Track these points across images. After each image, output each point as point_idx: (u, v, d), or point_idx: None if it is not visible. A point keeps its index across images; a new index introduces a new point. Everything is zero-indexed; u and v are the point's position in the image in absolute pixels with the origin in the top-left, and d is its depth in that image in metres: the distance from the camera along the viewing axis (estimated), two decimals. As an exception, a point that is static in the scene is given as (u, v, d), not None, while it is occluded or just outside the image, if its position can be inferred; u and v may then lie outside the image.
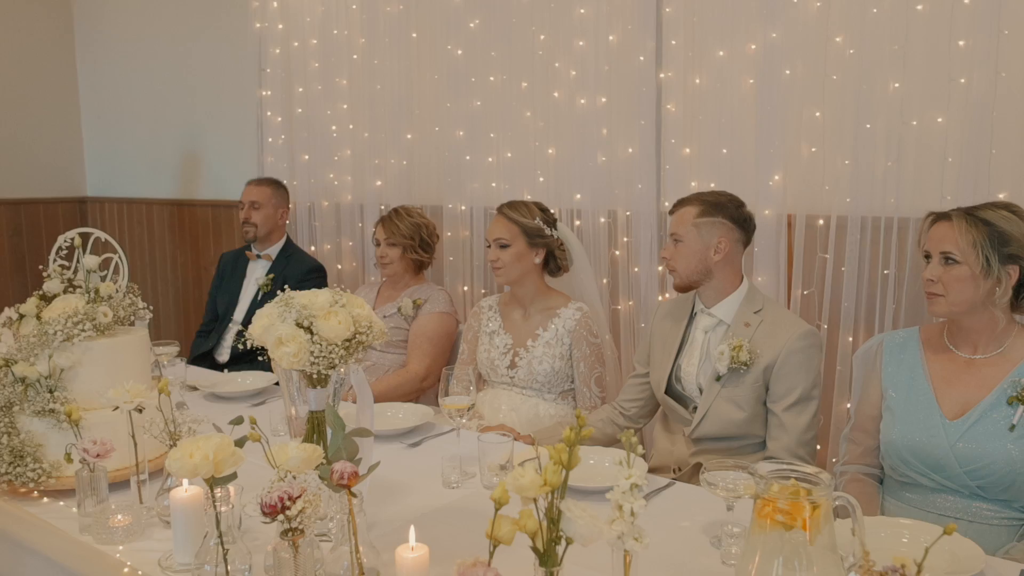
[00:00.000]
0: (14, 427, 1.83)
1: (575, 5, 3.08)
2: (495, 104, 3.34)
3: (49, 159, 5.48)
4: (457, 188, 3.50)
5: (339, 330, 1.52)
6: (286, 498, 1.28)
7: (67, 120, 5.55)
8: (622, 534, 1.05)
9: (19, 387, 1.85)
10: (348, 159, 3.91)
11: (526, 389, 2.66)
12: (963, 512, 1.78)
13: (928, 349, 1.92)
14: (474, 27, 3.36)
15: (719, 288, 2.26)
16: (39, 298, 2.00)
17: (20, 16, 5.26)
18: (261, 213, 3.56)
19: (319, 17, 3.91)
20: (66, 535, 1.64)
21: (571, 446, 1.08)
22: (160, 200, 5.12)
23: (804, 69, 2.63)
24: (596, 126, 3.07)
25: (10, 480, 1.79)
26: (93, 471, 1.66)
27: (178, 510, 1.50)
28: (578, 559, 1.34)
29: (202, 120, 4.81)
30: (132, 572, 1.48)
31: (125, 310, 1.99)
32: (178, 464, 1.34)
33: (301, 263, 3.58)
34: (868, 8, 2.48)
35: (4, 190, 5.26)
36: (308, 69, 3.99)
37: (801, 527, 1.20)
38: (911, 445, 1.82)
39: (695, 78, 2.85)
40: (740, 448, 2.21)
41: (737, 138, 2.77)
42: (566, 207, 3.20)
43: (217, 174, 4.74)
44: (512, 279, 2.64)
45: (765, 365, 2.15)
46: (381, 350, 3.12)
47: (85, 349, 1.89)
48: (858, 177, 2.55)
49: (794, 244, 2.71)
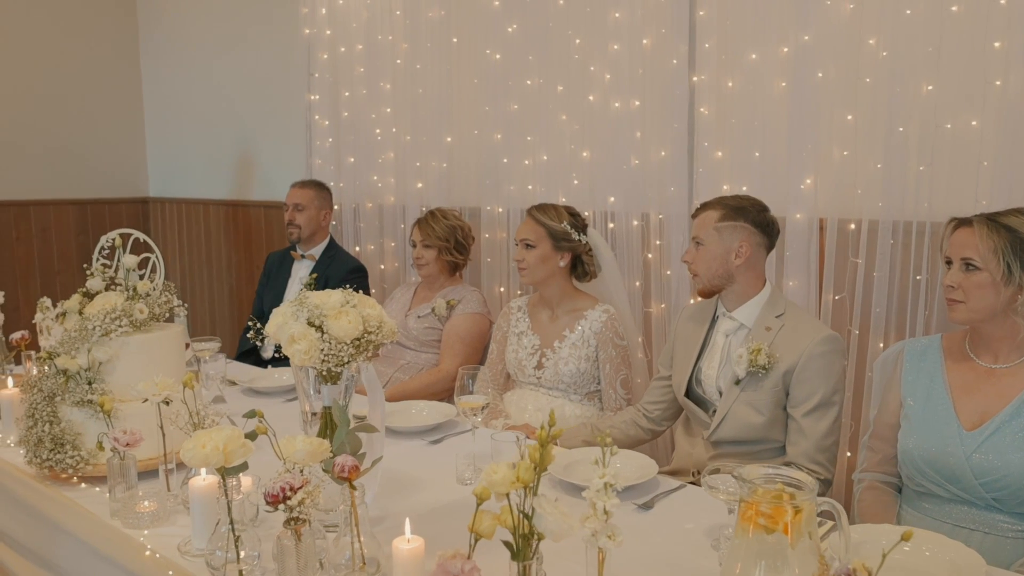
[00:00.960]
0: (56, 416, 1.94)
1: (610, 9, 3.10)
2: (532, 107, 3.38)
3: (114, 162, 5.72)
4: (494, 190, 3.55)
5: (348, 329, 1.58)
6: (288, 488, 1.35)
7: (131, 125, 5.78)
8: (595, 532, 1.08)
9: (61, 379, 1.96)
10: (391, 161, 4.00)
11: (552, 390, 2.70)
12: (979, 523, 1.75)
13: (949, 357, 1.89)
14: (512, 31, 3.41)
15: (741, 292, 2.26)
16: (82, 295, 2.12)
17: (89, 28, 5.51)
18: (305, 215, 3.67)
19: (364, 23, 4.01)
20: (97, 519, 1.74)
21: (543, 444, 1.11)
22: (216, 201, 5.30)
23: (836, 72, 2.60)
24: (630, 129, 3.09)
25: (51, 466, 1.90)
26: (123, 459, 1.75)
27: (196, 498, 1.58)
28: (568, 555, 1.38)
29: (255, 123, 4.97)
30: (152, 555, 1.56)
31: (161, 307, 2.09)
32: (190, 454, 1.42)
33: (343, 263, 3.68)
34: (902, 9, 2.44)
35: (72, 191, 5.51)
36: (354, 74, 4.09)
37: (783, 531, 1.21)
38: (927, 455, 1.80)
39: (728, 81, 2.84)
40: (759, 453, 2.21)
41: (769, 141, 2.75)
42: (600, 209, 3.22)
43: (269, 176, 4.88)
44: (536, 280, 2.68)
45: (785, 369, 2.14)
46: (416, 349, 3.19)
47: (122, 344, 1.99)
48: (890, 181, 2.51)
49: (825, 248, 2.68)
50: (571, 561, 1.40)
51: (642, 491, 1.87)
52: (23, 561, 1.87)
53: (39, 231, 5.36)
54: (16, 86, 5.21)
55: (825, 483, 2.12)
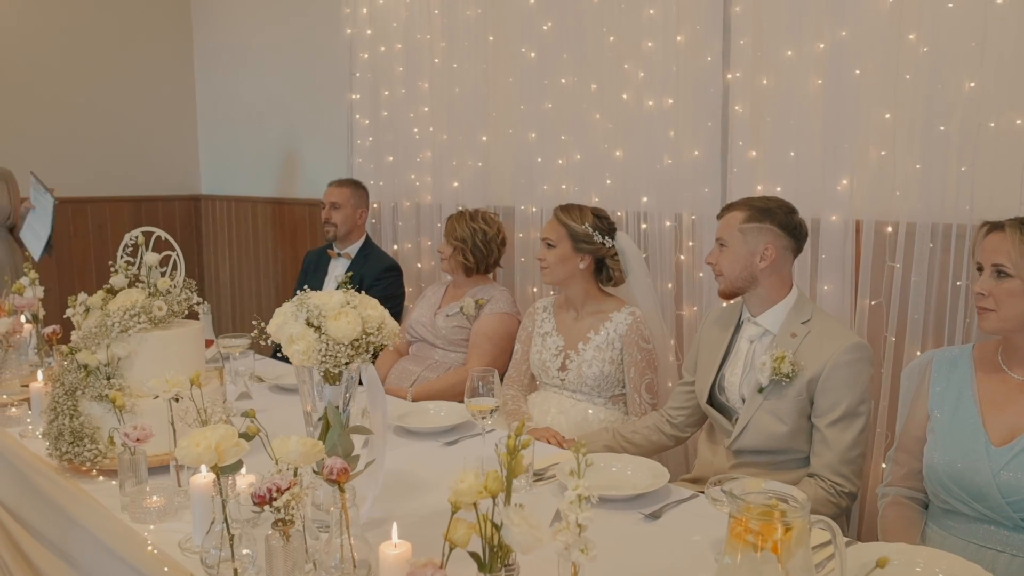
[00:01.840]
0: (76, 410, 1.98)
1: (644, 6, 3.04)
2: (566, 106, 3.34)
3: (168, 160, 5.87)
4: (528, 190, 3.52)
5: (347, 330, 1.57)
6: (275, 490, 1.34)
7: (185, 125, 5.92)
8: (568, 545, 1.05)
9: (81, 373, 2.00)
10: (428, 160, 4.00)
11: (576, 392, 2.66)
12: (1006, 545, 1.66)
13: (980, 369, 1.79)
14: (547, 29, 3.37)
15: (765, 297, 2.19)
16: (106, 291, 2.16)
17: (146, 35, 5.67)
18: (341, 213, 3.70)
19: (404, 22, 4.02)
20: (107, 512, 1.77)
21: (513, 454, 1.08)
22: (263, 198, 5.39)
23: (875, 68, 2.51)
24: (663, 128, 3.02)
25: (70, 458, 1.95)
26: (134, 454, 1.78)
27: (196, 495, 1.59)
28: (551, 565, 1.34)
29: (300, 122, 5.04)
30: (152, 550, 1.58)
31: (180, 304, 2.12)
32: (184, 452, 1.43)
33: (378, 262, 3.69)
34: (943, 3, 2.34)
35: (128, 188, 5.67)
36: (393, 73, 4.10)
37: (772, 550, 1.16)
38: (952, 471, 1.71)
39: (763, 79, 2.76)
40: (782, 463, 2.14)
41: (804, 141, 2.66)
42: (632, 210, 3.17)
43: (312, 174, 4.94)
44: (556, 280, 2.65)
45: (809, 378, 2.07)
46: (444, 348, 3.18)
47: (140, 340, 2.03)
48: (930, 182, 2.41)
49: (861, 252, 2.58)
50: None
51: (652, 500, 1.82)
52: (43, 551, 1.92)
53: (95, 227, 5.52)
54: (76, 88, 5.39)
55: (850, 496, 2.04)
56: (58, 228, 5.26)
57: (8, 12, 5.11)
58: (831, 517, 1.95)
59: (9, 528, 2.04)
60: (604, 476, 1.93)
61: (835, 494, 2.02)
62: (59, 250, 5.31)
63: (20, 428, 2.29)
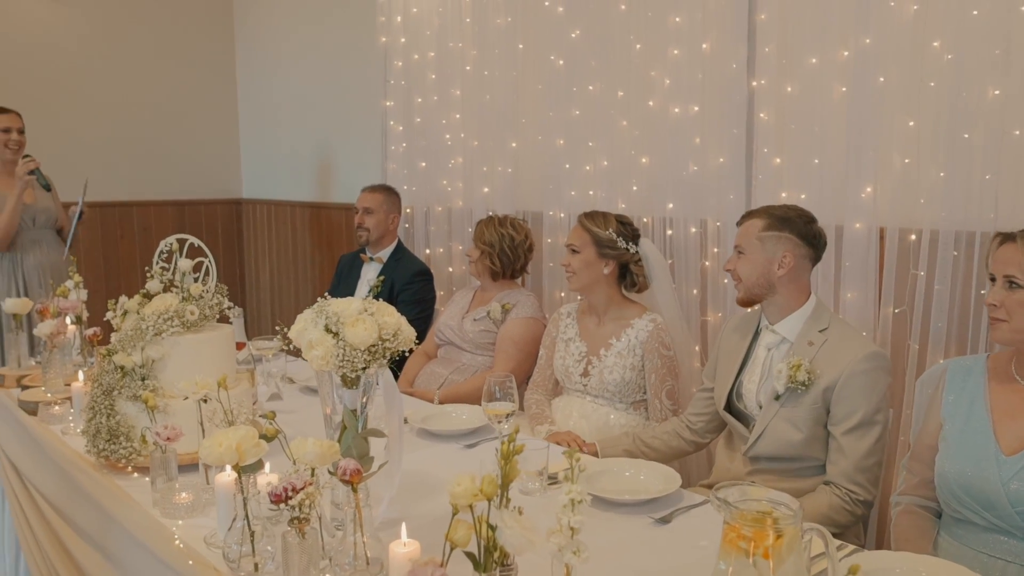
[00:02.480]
0: (112, 409, 2.08)
1: (670, 13, 3.07)
2: (593, 113, 3.38)
3: (211, 165, 6.03)
4: (556, 195, 3.56)
5: (363, 336, 1.63)
6: (290, 489, 1.41)
7: (227, 131, 6.08)
8: (561, 548, 1.09)
9: (118, 374, 2.09)
10: (460, 166, 4.07)
11: (598, 398, 2.70)
12: (1016, 556, 1.66)
13: (993, 379, 1.79)
14: (575, 37, 3.41)
15: (783, 305, 2.21)
16: (143, 296, 2.26)
17: (190, 44, 5.84)
18: (373, 218, 3.78)
19: (436, 30, 4.09)
20: (139, 507, 1.85)
21: (507, 459, 1.13)
22: (301, 202, 5.51)
23: (899, 76, 2.50)
24: (689, 135, 3.05)
25: (107, 455, 2.04)
26: (164, 452, 1.86)
27: (220, 492, 1.67)
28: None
29: (337, 128, 5.15)
30: (179, 544, 1.66)
31: (212, 309, 2.21)
32: (207, 452, 1.50)
33: (409, 266, 3.77)
34: (968, 10, 2.33)
35: (172, 192, 5.84)
36: (426, 80, 4.17)
37: (763, 555, 1.19)
38: (962, 480, 1.72)
39: (787, 86, 2.77)
40: (799, 471, 2.15)
41: (828, 148, 2.67)
42: (658, 216, 3.19)
43: (348, 179, 5.04)
44: (581, 286, 2.69)
45: (825, 386, 2.08)
46: (472, 352, 3.24)
47: (173, 343, 2.11)
48: (954, 190, 2.40)
49: (885, 259, 2.58)
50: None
51: (663, 504, 1.86)
52: (80, 542, 2.01)
53: (141, 230, 5.69)
54: (122, 96, 5.57)
55: (865, 504, 2.05)
56: (106, 231, 5.45)
57: (60, 25, 5.30)
58: (846, 525, 1.98)
59: (50, 520, 2.14)
60: (618, 480, 1.96)
61: (850, 502, 2.03)
62: (106, 252, 5.51)
63: (62, 425, 2.40)
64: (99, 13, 5.44)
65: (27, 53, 5.18)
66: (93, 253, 5.48)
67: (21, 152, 3.94)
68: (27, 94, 5.04)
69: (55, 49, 5.29)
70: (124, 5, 5.53)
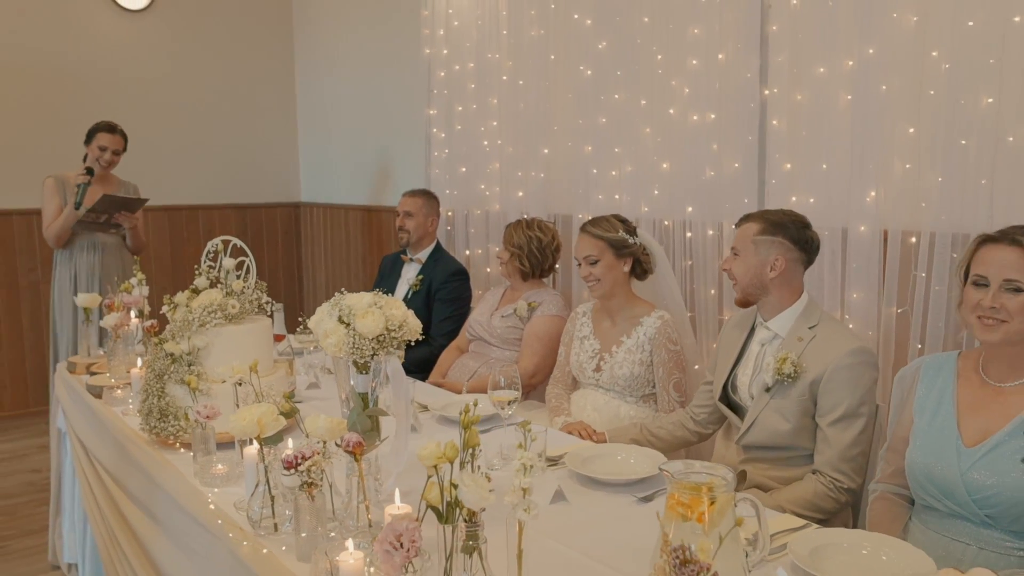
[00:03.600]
0: (163, 392, 2.33)
1: (690, 24, 3.21)
2: (619, 120, 3.54)
3: (272, 170, 6.37)
4: (585, 199, 3.73)
5: (372, 327, 1.83)
6: (300, 457, 1.62)
7: (287, 137, 6.42)
8: (514, 505, 1.27)
9: (168, 360, 2.35)
10: (496, 171, 4.27)
11: (610, 391, 2.86)
12: (974, 539, 1.77)
13: (961, 375, 1.90)
14: (602, 48, 3.58)
15: (776, 303, 2.33)
16: (191, 291, 2.52)
17: (252, 54, 6.19)
18: (413, 221, 4.00)
19: (475, 42, 4.30)
20: (183, 477, 2.10)
21: (466, 427, 1.32)
22: (354, 206, 5.79)
23: (900, 84, 2.60)
24: (706, 141, 3.18)
25: (158, 432, 2.30)
26: (204, 429, 2.10)
27: (248, 463, 1.89)
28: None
29: (386, 135, 5.41)
30: (211, 507, 1.90)
31: (251, 303, 2.45)
32: (233, 424, 1.73)
33: (447, 266, 3.98)
34: (964, 21, 2.42)
35: (234, 196, 6.19)
36: (466, 89, 4.39)
37: (697, 519, 1.35)
38: (927, 469, 1.83)
39: (797, 94, 2.88)
40: (789, 460, 2.28)
41: (835, 154, 2.78)
42: (678, 219, 3.34)
43: (397, 183, 5.29)
44: (607, 292, 2.85)
45: (812, 379, 2.20)
46: (499, 346, 3.43)
47: (216, 333, 2.36)
48: (951, 194, 2.49)
49: (888, 261, 2.67)
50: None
51: (647, 485, 2.01)
52: (132, 506, 2.27)
53: (205, 232, 6.05)
54: (188, 105, 5.94)
55: (849, 492, 2.16)
56: (173, 232, 5.83)
57: (130, 38, 5.70)
58: (831, 511, 2.12)
59: (109, 488, 2.42)
60: (609, 464, 2.13)
61: (834, 489, 2.15)
62: (173, 252, 5.88)
63: (122, 407, 2.68)
64: (167, 27, 5.82)
65: (99, 65, 5.59)
66: (161, 253, 5.86)
67: (111, 169, 4.28)
68: (99, 103, 5.44)
69: (126, 61, 5.68)
70: (190, 19, 5.90)
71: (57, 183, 4.22)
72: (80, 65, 5.51)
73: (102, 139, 4.22)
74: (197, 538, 1.89)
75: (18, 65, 5.29)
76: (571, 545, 1.72)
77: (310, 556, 1.57)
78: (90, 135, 4.23)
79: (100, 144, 4.21)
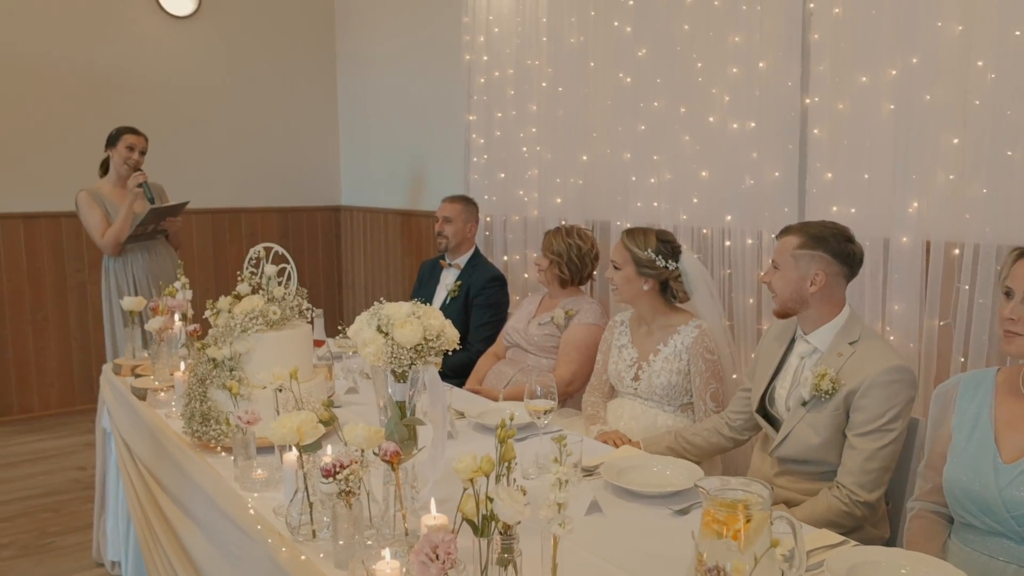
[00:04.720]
0: (205, 396, 2.38)
1: (730, 32, 3.19)
2: (658, 128, 3.53)
3: (313, 173, 6.46)
4: (623, 207, 3.73)
5: (410, 337, 1.86)
6: (339, 465, 1.65)
7: (328, 141, 6.50)
8: (549, 520, 1.28)
9: (210, 365, 2.40)
10: (535, 177, 4.28)
11: (647, 400, 2.85)
12: (1014, 558, 1.74)
13: (1000, 391, 1.87)
14: (642, 55, 3.57)
15: (816, 317, 2.31)
16: (234, 297, 2.57)
17: (294, 60, 6.28)
18: (452, 227, 4.03)
19: (515, 49, 4.32)
20: (223, 480, 2.14)
21: (502, 441, 1.33)
22: (393, 210, 5.85)
23: (944, 94, 2.56)
24: (746, 149, 3.16)
25: (199, 436, 2.35)
26: (244, 434, 2.15)
27: (287, 470, 1.93)
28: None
29: (425, 140, 5.46)
30: (251, 512, 1.93)
31: (291, 310, 2.50)
32: (274, 432, 1.76)
33: (484, 272, 4.00)
34: (1011, 30, 2.38)
35: (276, 199, 6.29)
36: (505, 96, 4.41)
37: (732, 537, 1.34)
38: (965, 486, 1.81)
39: (839, 103, 2.85)
40: (822, 474, 2.25)
41: (877, 163, 2.74)
42: (717, 227, 3.32)
43: (435, 188, 5.33)
44: (625, 299, 2.85)
45: (846, 393, 2.18)
46: (536, 354, 3.45)
47: (257, 339, 2.41)
48: (996, 206, 2.44)
49: (930, 273, 2.63)
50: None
51: (684, 498, 2.01)
52: (173, 507, 2.33)
53: (247, 234, 6.16)
54: (232, 110, 6.05)
55: (866, 506, 2.12)
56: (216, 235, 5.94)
57: (176, 45, 5.82)
58: (848, 526, 2.09)
59: (151, 488, 2.47)
60: (645, 475, 2.13)
61: (850, 503, 2.11)
62: (216, 254, 5.99)
63: (165, 410, 2.74)
64: (213, 34, 5.93)
65: (146, 71, 5.71)
66: (204, 255, 5.98)
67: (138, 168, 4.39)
68: (146, 108, 5.57)
69: (171, 68, 5.80)
70: (236, 25, 6.01)
71: (91, 195, 4.32)
72: (128, 72, 5.63)
73: (129, 140, 4.33)
74: (236, 541, 1.93)
75: (73, 74, 5.44)
76: (605, 557, 1.72)
77: (347, 564, 1.60)
78: (113, 139, 4.34)
79: (128, 144, 4.32)
